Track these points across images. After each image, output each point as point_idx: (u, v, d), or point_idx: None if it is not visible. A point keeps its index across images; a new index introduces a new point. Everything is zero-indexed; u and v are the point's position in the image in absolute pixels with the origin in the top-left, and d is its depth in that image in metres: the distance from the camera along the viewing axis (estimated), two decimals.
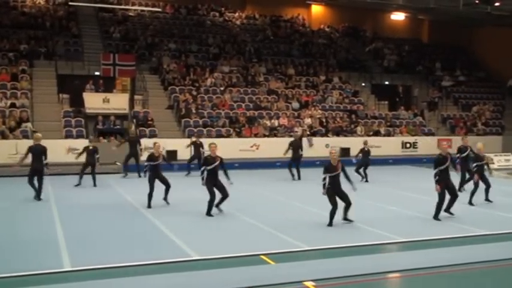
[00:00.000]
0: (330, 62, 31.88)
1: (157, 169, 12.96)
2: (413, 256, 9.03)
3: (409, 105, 30.99)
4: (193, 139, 20.12)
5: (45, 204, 13.20)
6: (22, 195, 14.38)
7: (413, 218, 11.87)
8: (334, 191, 10.86)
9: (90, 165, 16.74)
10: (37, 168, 13.84)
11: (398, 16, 35.30)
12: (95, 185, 16.44)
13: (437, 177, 11.36)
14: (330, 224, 10.84)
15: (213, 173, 11.83)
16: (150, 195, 12.83)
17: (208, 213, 11.80)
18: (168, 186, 13.07)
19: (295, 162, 18.65)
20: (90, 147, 16.89)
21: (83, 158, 17.08)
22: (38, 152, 13.89)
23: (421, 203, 13.80)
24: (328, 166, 10.96)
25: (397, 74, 32.54)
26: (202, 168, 12.07)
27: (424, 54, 35.22)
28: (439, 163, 11.49)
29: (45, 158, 13.93)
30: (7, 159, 19.72)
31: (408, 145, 26.44)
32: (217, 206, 12.04)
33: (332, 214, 10.86)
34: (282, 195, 12.43)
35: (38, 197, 13.87)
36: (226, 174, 12.08)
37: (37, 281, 7.40)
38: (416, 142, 26.61)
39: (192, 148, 19.89)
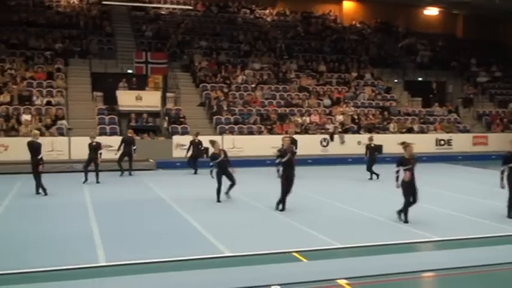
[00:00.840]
0: (362, 58, 31.57)
1: (223, 165, 13.07)
2: (448, 255, 8.86)
3: (443, 101, 30.45)
4: (192, 138, 19.83)
5: (80, 200, 13.42)
6: (57, 191, 14.67)
7: (448, 216, 11.65)
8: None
9: (93, 161, 16.60)
10: (33, 162, 13.97)
11: (431, 11, 34.73)
12: (97, 181, 16.44)
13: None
14: (406, 220, 10.74)
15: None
16: (218, 191, 13.07)
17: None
18: (233, 183, 13.23)
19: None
20: (93, 143, 16.68)
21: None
22: (34, 148, 14.02)
23: (456, 201, 13.56)
24: (401, 159, 10.73)
25: (430, 70, 32.01)
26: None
27: (459, 49, 34.55)
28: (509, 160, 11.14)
29: (39, 154, 13.99)
30: (43, 156, 20.13)
31: (442, 142, 26.00)
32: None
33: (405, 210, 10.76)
34: (313, 193, 12.38)
35: (36, 191, 14.04)
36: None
37: (73, 276, 7.52)
38: (450, 139, 26.16)
39: (191, 147, 19.44)
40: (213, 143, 13.38)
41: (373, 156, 17.54)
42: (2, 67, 24.42)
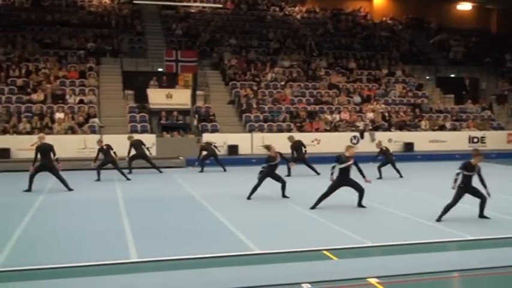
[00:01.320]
0: (393, 55, 31.22)
1: (273, 169, 13.11)
2: (481, 255, 8.68)
3: (477, 98, 29.90)
4: (203, 142, 19.81)
5: (111, 197, 13.61)
6: (89, 188, 14.92)
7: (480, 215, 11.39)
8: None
9: (111, 163, 16.71)
10: (46, 164, 14.19)
11: (465, 6, 34.12)
12: (127, 178, 16.58)
13: None
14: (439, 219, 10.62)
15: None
16: (255, 188, 13.04)
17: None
18: (283, 183, 13.25)
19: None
20: (104, 147, 16.74)
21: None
22: (45, 150, 14.21)
23: (491, 199, 13.27)
24: (467, 164, 10.72)
25: (463, 66, 31.45)
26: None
27: (493, 45, 33.82)
28: None
29: (54, 155, 14.21)
30: (76, 153, 20.55)
31: (476, 140, 25.50)
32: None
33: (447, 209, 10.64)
34: (343, 191, 12.27)
35: (68, 188, 14.25)
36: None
37: (105, 271, 7.63)
38: (484, 137, 25.64)
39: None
40: (268, 147, 13.35)
41: (390, 158, 17.26)
42: (36, 66, 24.95)
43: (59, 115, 22.09)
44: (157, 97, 23.98)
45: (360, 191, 11.98)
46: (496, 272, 7.80)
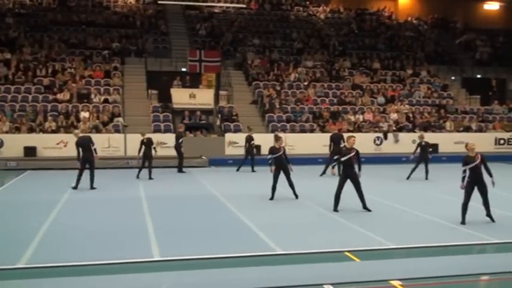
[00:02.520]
0: (418, 55, 30.90)
1: (280, 162, 13.01)
2: (505, 258, 8.53)
3: (504, 99, 29.39)
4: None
5: (135, 195, 13.74)
6: (113, 186, 15.09)
7: (507, 219, 11.19)
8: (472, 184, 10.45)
9: (147, 158, 16.79)
10: (89, 158, 14.48)
11: (492, 5, 33.59)
12: (150, 177, 16.68)
13: None
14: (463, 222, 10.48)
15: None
16: (273, 188, 13.06)
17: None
18: (289, 183, 13.14)
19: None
20: (145, 140, 16.84)
21: None
22: (86, 143, 14.51)
23: None
24: (465, 158, 10.52)
25: (490, 66, 30.96)
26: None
27: None
28: None
29: (93, 145, 14.56)
30: (100, 152, 20.69)
31: (502, 141, 25.08)
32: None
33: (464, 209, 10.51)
34: (366, 192, 12.18)
35: (91, 186, 14.48)
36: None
37: (129, 269, 7.71)
38: (511, 138, 25.20)
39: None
40: (276, 138, 13.34)
41: (424, 155, 17.02)
42: (62, 66, 25.32)
43: (84, 114, 22.37)
44: (180, 97, 24.12)
45: (359, 192, 11.69)
46: None
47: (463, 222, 10.43)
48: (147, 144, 16.80)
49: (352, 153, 11.64)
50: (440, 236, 9.68)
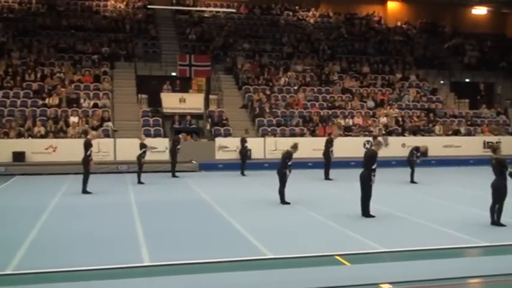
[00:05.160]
0: (407, 59, 31.08)
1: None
2: (496, 261, 8.58)
3: (492, 103, 29.63)
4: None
5: (125, 201, 13.67)
6: (103, 192, 15.01)
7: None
8: None
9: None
10: (82, 160, 14.69)
11: (480, 10, 33.87)
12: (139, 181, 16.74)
13: None
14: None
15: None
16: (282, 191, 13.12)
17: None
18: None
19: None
20: (144, 142, 16.99)
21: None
22: (84, 145, 14.71)
23: (507, 206, 13.12)
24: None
25: (478, 70, 31.20)
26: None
27: (508, 49, 33.48)
28: None
29: (86, 150, 14.60)
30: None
31: (490, 145, 25.19)
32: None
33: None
34: (357, 196, 12.21)
35: (83, 189, 14.54)
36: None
37: (118, 275, 7.66)
38: (499, 142, 25.26)
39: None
40: (295, 146, 13.40)
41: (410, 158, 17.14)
42: (51, 71, 25.17)
43: (73, 119, 22.26)
44: (170, 101, 24.08)
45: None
46: (510, 279, 7.70)
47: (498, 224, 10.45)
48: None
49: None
50: (429, 239, 9.72)
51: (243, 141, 19.41)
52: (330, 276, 7.63)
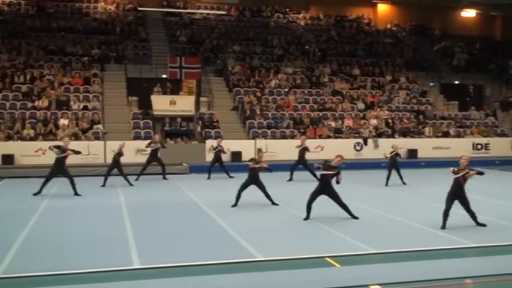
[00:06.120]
0: (397, 61, 31.25)
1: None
2: (485, 262, 8.65)
3: (481, 105, 29.85)
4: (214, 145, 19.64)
5: (114, 203, 13.62)
6: (93, 194, 14.94)
7: (485, 222, 11.32)
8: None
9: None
10: None
11: (469, 13, 34.13)
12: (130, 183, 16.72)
13: None
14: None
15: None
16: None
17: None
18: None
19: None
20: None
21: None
22: None
23: (494, 206, 13.23)
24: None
25: (467, 73, 31.44)
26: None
27: (497, 52, 33.82)
28: None
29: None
30: (80, 159, 20.54)
31: (480, 147, 25.45)
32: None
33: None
34: (346, 198, 12.25)
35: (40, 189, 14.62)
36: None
37: (108, 278, 7.64)
38: (488, 143, 25.58)
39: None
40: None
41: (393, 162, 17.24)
42: (40, 73, 25.05)
43: (63, 121, 22.15)
44: (161, 103, 24.04)
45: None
46: (499, 280, 7.77)
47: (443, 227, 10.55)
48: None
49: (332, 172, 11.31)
50: (419, 241, 9.77)
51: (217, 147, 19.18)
52: (320, 278, 7.65)
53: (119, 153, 16.78)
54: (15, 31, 27.56)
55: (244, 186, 13.06)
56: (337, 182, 11.37)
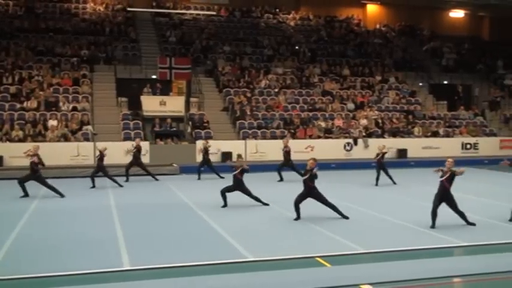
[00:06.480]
0: (386, 62, 31.38)
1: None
2: (474, 261, 8.71)
3: (469, 105, 30.04)
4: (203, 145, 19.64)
5: (104, 204, 13.57)
6: (82, 195, 14.87)
7: (474, 221, 11.41)
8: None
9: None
10: None
11: (457, 13, 34.35)
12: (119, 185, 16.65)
13: None
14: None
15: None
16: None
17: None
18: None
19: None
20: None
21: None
22: None
23: (483, 205, 13.33)
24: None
25: (456, 73, 31.64)
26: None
27: (485, 52, 34.09)
28: None
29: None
30: (69, 161, 20.50)
31: (468, 146, 25.62)
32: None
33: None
34: (336, 197, 12.30)
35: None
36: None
37: (98, 279, 7.61)
38: (477, 143, 25.76)
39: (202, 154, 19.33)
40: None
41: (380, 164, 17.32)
42: (29, 74, 24.88)
43: (52, 122, 22.02)
44: (151, 104, 23.96)
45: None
46: (489, 278, 7.82)
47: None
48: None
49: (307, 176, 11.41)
50: (409, 240, 9.82)
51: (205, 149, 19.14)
52: (311, 278, 7.67)
53: (101, 158, 16.63)
54: (3, 32, 27.34)
55: (227, 190, 13.06)
56: (315, 177, 11.33)
